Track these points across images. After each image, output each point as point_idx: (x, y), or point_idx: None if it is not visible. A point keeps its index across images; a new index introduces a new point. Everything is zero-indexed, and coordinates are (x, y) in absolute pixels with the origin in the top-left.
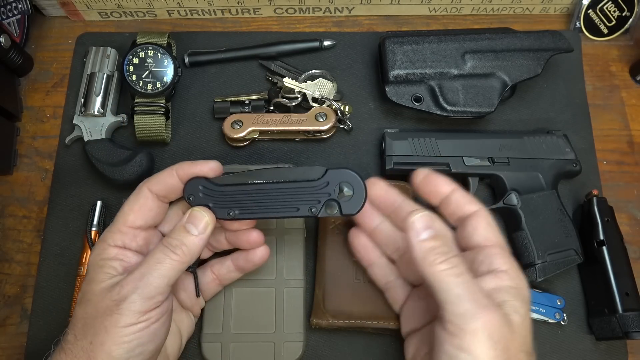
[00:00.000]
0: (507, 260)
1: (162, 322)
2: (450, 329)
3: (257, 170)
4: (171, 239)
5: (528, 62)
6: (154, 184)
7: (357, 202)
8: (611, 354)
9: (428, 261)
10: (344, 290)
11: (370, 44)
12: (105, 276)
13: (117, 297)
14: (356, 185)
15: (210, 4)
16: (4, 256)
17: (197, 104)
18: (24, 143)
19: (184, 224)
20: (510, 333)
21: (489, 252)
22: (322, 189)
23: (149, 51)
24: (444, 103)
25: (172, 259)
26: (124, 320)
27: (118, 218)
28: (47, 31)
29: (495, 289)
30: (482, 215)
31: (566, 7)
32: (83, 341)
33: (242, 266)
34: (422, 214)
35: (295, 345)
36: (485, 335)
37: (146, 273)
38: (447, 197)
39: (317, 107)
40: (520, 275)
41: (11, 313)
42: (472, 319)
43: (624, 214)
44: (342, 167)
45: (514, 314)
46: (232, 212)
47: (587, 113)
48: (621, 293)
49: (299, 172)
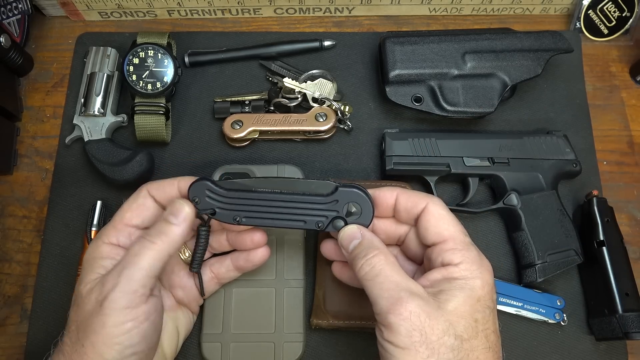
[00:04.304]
0: (460, 254)
1: (151, 322)
2: (378, 325)
3: (266, 178)
4: (150, 229)
5: (528, 62)
6: (154, 187)
7: (363, 221)
8: (611, 355)
9: (355, 270)
10: (345, 291)
11: (370, 44)
12: (94, 275)
13: (100, 297)
14: (364, 206)
15: (211, 4)
16: (4, 256)
17: (197, 104)
18: (24, 143)
19: (164, 216)
20: (431, 319)
21: (441, 248)
22: (331, 206)
23: (149, 51)
24: (444, 103)
25: (151, 248)
26: (110, 320)
27: (115, 216)
28: (47, 31)
29: (440, 279)
30: (430, 210)
31: (566, 8)
32: (77, 344)
33: (242, 266)
34: (346, 228)
35: (295, 346)
36: (400, 326)
37: (125, 267)
38: (395, 206)
39: (317, 107)
40: (473, 267)
41: (11, 313)
42: (387, 314)
43: (624, 214)
44: (352, 186)
45: (446, 301)
46: (238, 218)
47: (587, 113)
48: (621, 293)
49: (309, 185)
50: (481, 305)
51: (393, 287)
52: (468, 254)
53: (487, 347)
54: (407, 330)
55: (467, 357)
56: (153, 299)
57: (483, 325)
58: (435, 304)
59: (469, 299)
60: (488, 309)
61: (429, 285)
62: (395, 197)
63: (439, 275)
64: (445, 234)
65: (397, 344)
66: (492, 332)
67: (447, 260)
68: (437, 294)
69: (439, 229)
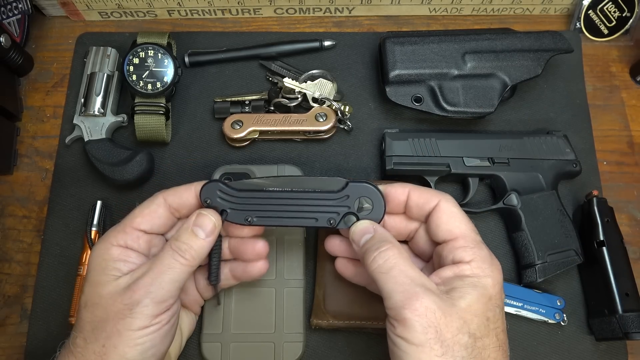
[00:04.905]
0: (471, 252)
1: (172, 324)
2: (390, 320)
3: (275, 177)
4: (179, 242)
5: (528, 62)
6: (170, 194)
7: (375, 217)
8: (611, 355)
9: (367, 262)
10: (345, 291)
11: (371, 44)
12: (110, 277)
13: (129, 302)
14: (376, 200)
15: (211, 4)
16: (4, 256)
17: (197, 104)
18: (24, 143)
19: (191, 227)
20: (446, 316)
21: (452, 245)
22: (342, 202)
23: (149, 51)
24: (444, 103)
25: (182, 263)
26: (137, 323)
27: (125, 219)
28: (47, 31)
29: (451, 277)
30: (441, 207)
31: (566, 8)
32: (94, 344)
33: (239, 276)
34: (358, 223)
35: (295, 346)
36: (416, 322)
37: (157, 277)
38: (407, 202)
39: (317, 107)
40: (484, 265)
41: (11, 313)
42: (402, 309)
43: (624, 215)
44: (363, 181)
45: (459, 299)
46: (249, 218)
47: (587, 113)
48: (621, 294)
49: (319, 183)
50: (492, 304)
51: (408, 281)
52: (479, 252)
53: (498, 345)
54: (423, 327)
55: (479, 356)
56: (175, 304)
57: (494, 324)
58: (450, 301)
59: (482, 297)
60: (498, 308)
61: (440, 283)
62: (407, 194)
63: (451, 272)
64: (456, 231)
65: (411, 341)
66: (502, 331)
67: (459, 258)
68: (449, 291)
69: (451, 226)
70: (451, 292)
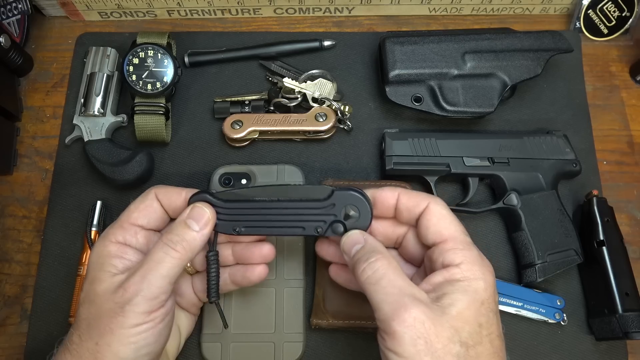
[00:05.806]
0: (461, 254)
1: (166, 322)
2: (380, 332)
3: (263, 186)
4: (171, 234)
5: (528, 62)
6: (161, 191)
7: (362, 224)
8: (611, 354)
9: (357, 274)
10: (345, 291)
11: (370, 44)
12: (106, 275)
13: (121, 300)
14: (362, 208)
15: (210, 4)
16: (4, 256)
17: (197, 104)
18: (24, 143)
19: (185, 219)
20: (436, 326)
21: (442, 248)
22: (328, 210)
23: (149, 51)
24: (444, 103)
25: (173, 256)
26: (129, 321)
27: (122, 216)
28: (47, 31)
29: (441, 282)
30: (431, 209)
31: (566, 7)
32: (89, 342)
33: (239, 282)
34: (349, 233)
35: (295, 345)
36: (405, 334)
37: (147, 274)
38: (397, 206)
39: (317, 107)
40: (474, 267)
41: (11, 313)
42: (390, 322)
43: (624, 214)
44: (349, 189)
45: (449, 306)
46: (237, 229)
47: (587, 113)
48: (621, 293)
49: (305, 191)
50: (485, 309)
51: (396, 292)
52: (469, 254)
53: (492, 352)
54: (412, 339)
55: None
56: (169, 301)
57: (487, 330)
58: (439, 310)
59: (473, 303)
60: (492, 312)
61: (431, 290)
62: (396, 197)
63: (441, 277)
64: (445, 233)
65: (401, 354)
66: (497, 337)
67: (448, 261)
68: (440, 298)
69: (440, 227)
70: (442, 299)
